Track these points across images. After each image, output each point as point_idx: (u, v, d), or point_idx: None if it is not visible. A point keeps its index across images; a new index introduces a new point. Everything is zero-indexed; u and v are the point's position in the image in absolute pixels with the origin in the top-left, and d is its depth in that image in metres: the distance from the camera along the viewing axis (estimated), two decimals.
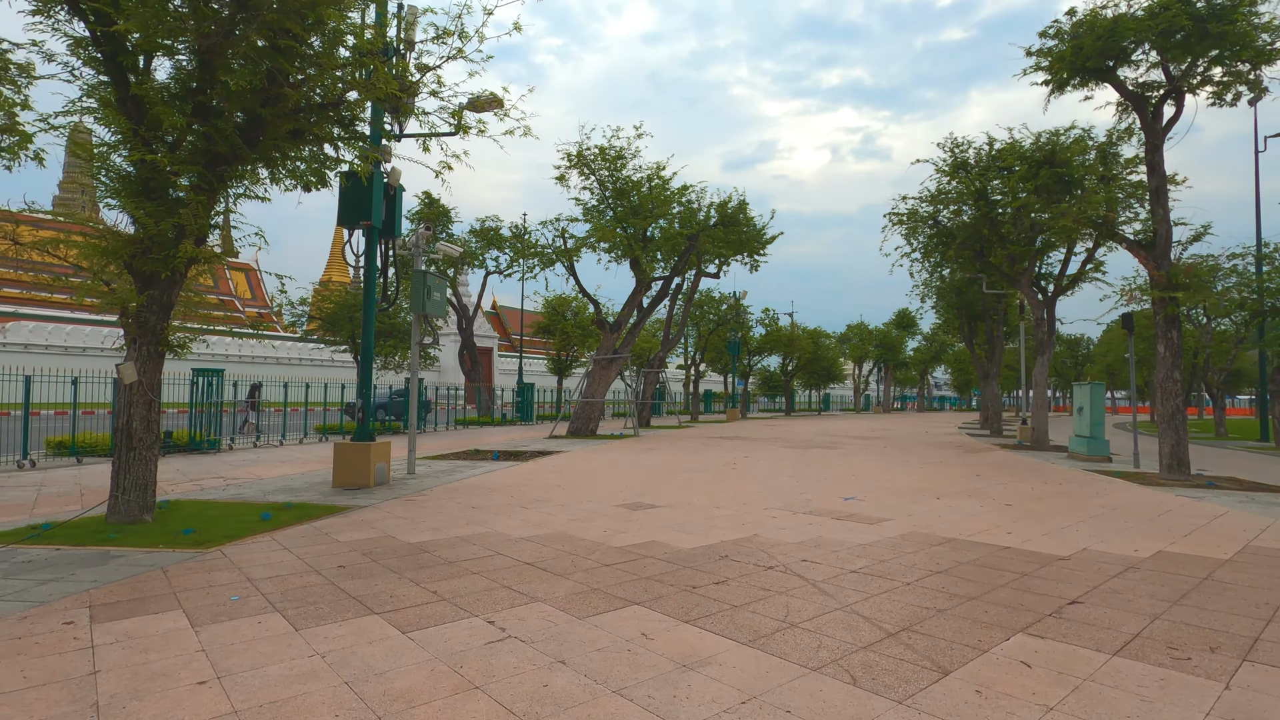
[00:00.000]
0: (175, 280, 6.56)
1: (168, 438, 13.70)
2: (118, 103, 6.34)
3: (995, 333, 22.83)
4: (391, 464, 11.37)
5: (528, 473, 10.85)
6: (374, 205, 9.02)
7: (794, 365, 46.11)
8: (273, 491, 8.55)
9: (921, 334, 65.65)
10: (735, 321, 36.49)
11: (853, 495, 8.58)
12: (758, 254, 24.06)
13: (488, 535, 6.06)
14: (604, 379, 20.41)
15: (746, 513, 7.31)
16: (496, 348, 59.90)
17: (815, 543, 5.82)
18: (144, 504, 6.49)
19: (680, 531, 6.27)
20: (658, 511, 7.35)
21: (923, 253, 18.71)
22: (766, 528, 6.47)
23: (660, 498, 8.33)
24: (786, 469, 11.71)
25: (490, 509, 7.43)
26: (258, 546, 5.55)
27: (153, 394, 6.55)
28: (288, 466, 11.51)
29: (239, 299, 58.77)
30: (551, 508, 7.56)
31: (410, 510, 7.31)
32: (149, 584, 4.47)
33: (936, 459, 13.97)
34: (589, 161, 19.21)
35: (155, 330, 6.51)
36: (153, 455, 6.57)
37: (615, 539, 5.93)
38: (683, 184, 20.49)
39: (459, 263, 28.72)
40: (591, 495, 8.49)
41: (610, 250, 20.77)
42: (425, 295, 10.41)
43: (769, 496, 8.49)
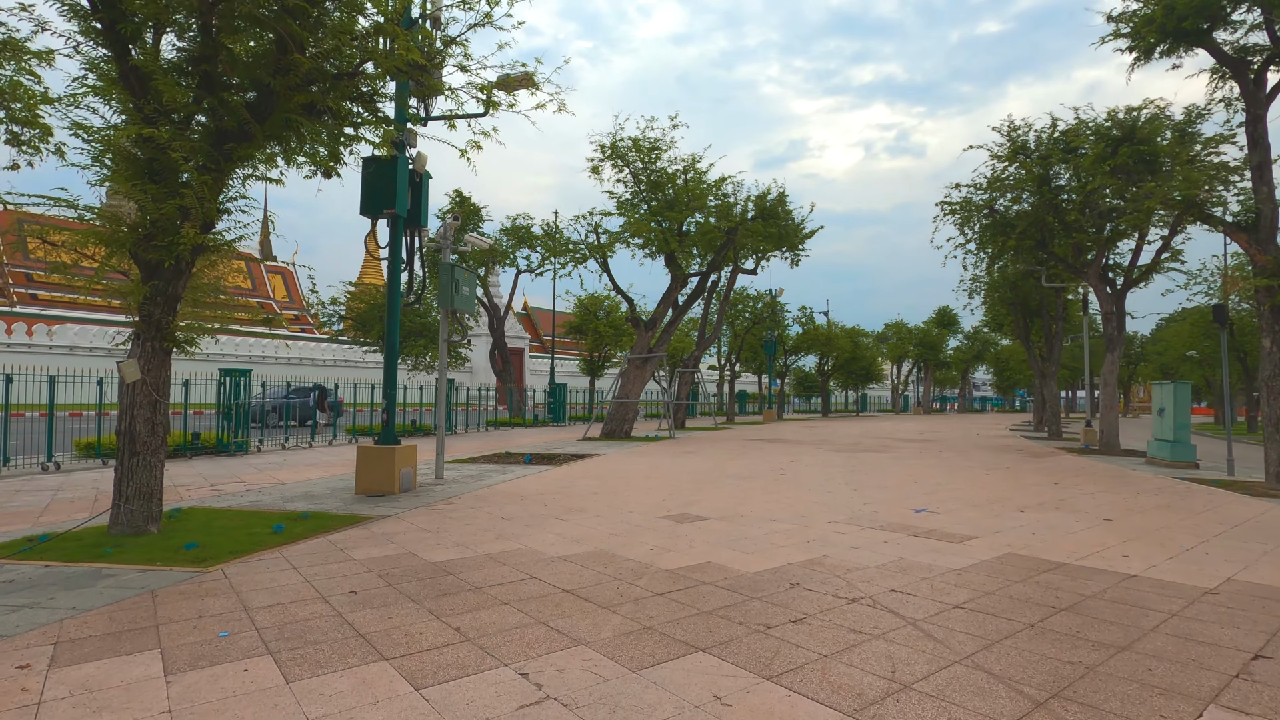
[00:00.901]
0: (181, 270, 6.01)
1: (195, 439, 13.39)
2: (119, 77, 5.83)
3: (1053, 329, 21.48)
4: (419, 468, 10.80)
5: (562, 478, 10.17)
6: (398, 192, 8.43)
7: (831, 365, 44.81)
8: (292, 498, 8.00)
9: (963, 332, 63.67)
10: (771, 320, 35.45)
11: (923, 507, 7.69)
12: (797, 248, 23.11)
13: (519, 553, 5.36)
14: (639, 379, 19.68)
15: (808, 527, 6.49)
16: (528, 348, 59.72)
17: (899, 567, 4.98)
18: (148, 513, 5.96)
19: (737, 550, 5.49)
20: (707, 525, 6.57)
21: (977, 244, 17.56)
22: (836, 547, 5.64)
23: (708, 508, 7.55)
24: (840, 475, 10.82)
25: (522, 520, 6.74)
26: (263, 565, 4.93)
27: (158, 394, 6.00)
28: (312, 470, 11.02)
29: (276, 301, 59.69)
30: (589, 519, 6.84)
31: (435, 521, 6.67)
32: (132, 613, 3.86)
33: (1001, 464, 12.90)
34: (623, 153, 18.51)
35: (160, 325, 5.97)
36: (158, 460, 6.03)
37: (664, 559, 5.18)
38: (720, 175, 19.67)
39: (489, 261, 28.31)
40: (632, 505, 7.75)
41: (645, 246, 20.04)
42: (453, 289, 9.80)
43: (829, 507, 7.65)
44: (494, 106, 7.64)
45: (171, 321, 6.01)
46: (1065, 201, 15.76)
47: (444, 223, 10.32)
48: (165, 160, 5.62)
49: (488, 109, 8.36)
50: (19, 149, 7.22)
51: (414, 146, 8.83)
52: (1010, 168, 16.79)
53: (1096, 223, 15.57)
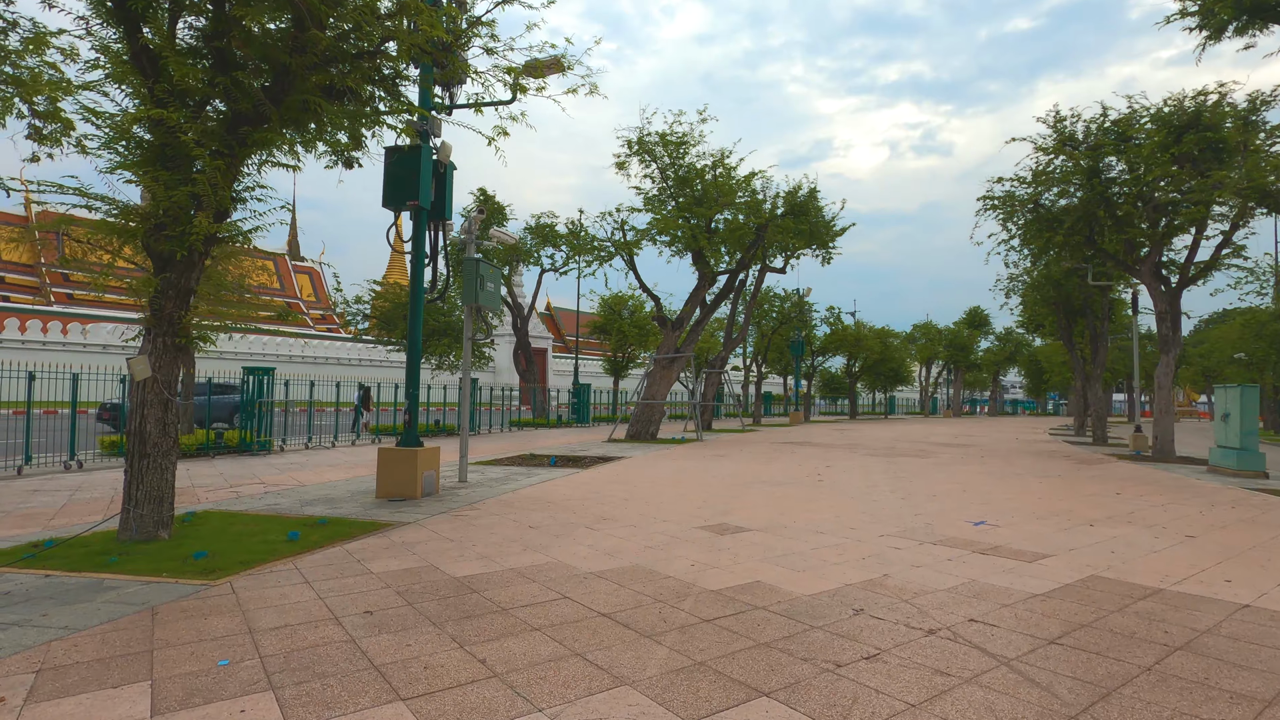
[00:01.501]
0: (194, 262, 5.69)
1: (218, 438, 13.23)
2: (130, 58, 5.53)
3: (1099, 329, 20.55)
4: (442, 469, 10.46)
5: (589, 482, 9.74)
6: (422, 183, 8.07)
7: (859, 366, 43.87)
8: (311, 502, 7.68)
9: (994, 333, 62.09)
10: (799, 320, 34.74)
11: (981, 519, 7.11)
12: (828, 246, 22.45)
13: (549, 568, 4.93)
14: (665, 379, 19.21)
15: (860, 540, 5.97)
16: (551, 348, 59.61)
17: (973, 590, 4.46)
18: (159, 519, 5.64)
19: (787, 568, 5.00)
20: (749, 537, 6.09)
21: (1021, 239, 16.79)
22: (896, 565, 5.13)
23: (747, 518, 7.06)
24: (882, 482, 10.24)
25: (550, 529, 6.32)
26: (275, 578, 4.56)
27: (169, 392, 5.69)
28: (334, 471, 10.74)
29: (303, 300, 60.35)
30: (621, 529, 6.40)
31: (459, 529, 6.27)
32: (127, 634, 3.50)
33: (1052, 471, 12.20)
34: (650, 148, 18.07)
35: (172, 319, 5.65)
36: (169, 463, 5.71)
37: (708, 577, 4.71)
38: (749, 171, 19.13)
39: (514, 260, 28.07)
40: (666, 512, 7.29)
41: (672, 244, 19.58)
42: (478, 285, 9.43)
43: (878, 518, 7.11)
44: (522, 91, 7.24)
45: (184, 316, 5.69)
46: (1117, 194, 14.97)
47: (468, 217, 9.96)
48: (177, 145, 5.30)
49: (515, 95, 7.98)
50: (40, 143, 7.00)
51: (438, 136, 8.47)
52: (1056, 160, 16.03)
53: (1151, 216, 14.76)
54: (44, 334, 34.79)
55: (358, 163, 7.94)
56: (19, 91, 7.42)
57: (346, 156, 7.79)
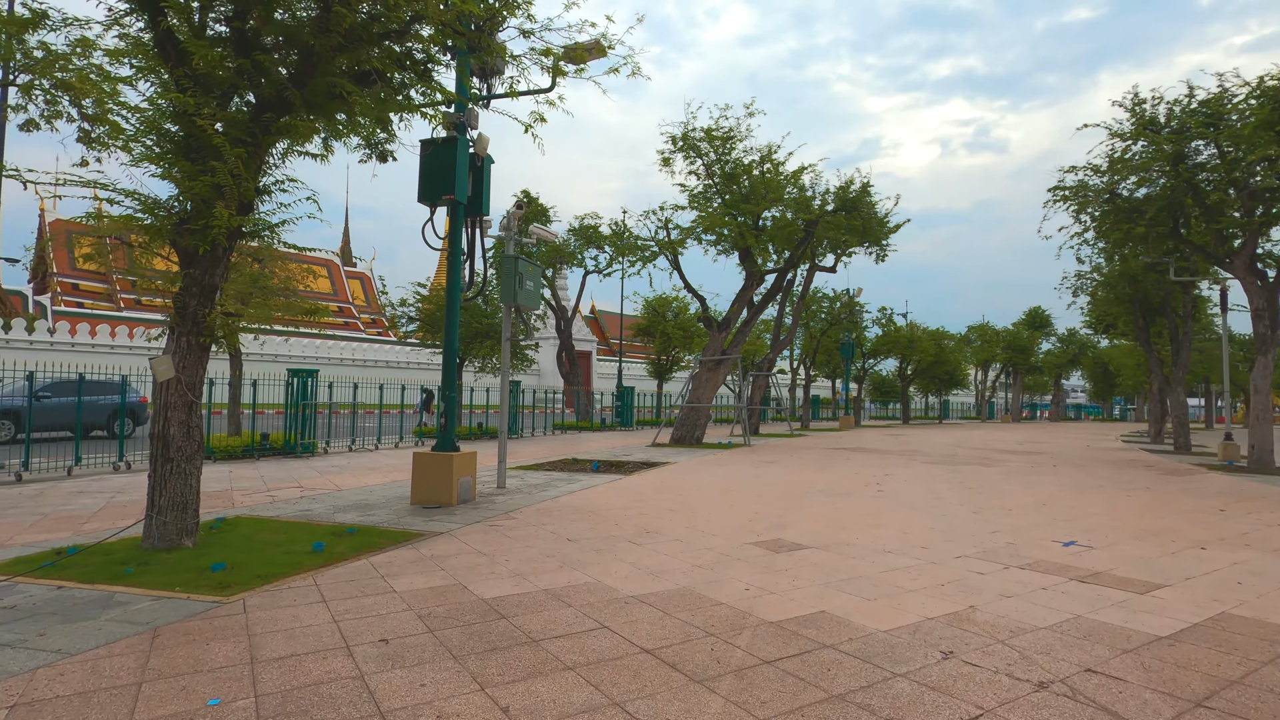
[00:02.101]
0: (218, 257, 5.43)
1: (264, 440, 13.26)
2: (154, 45, 5.32)
3: (1180, 329, 19.04)
4: (481, 474, 10.13)
5: (633, 490, 9.26)
6: (458, 177, 7.74)
7: (912, 369, 42.25)
8: (345, 507, 7.41)
9: (1056, 335, 59.23)
10: (849, 321, 33.58)
11: (1071, 539, 6.33)
12: (882, 243, 21.48)
13: (587, 589, 4.45)
14: (711, 382, 18.61)
15: (935, 562, 5.31)
16: (594, 351, 59.53)
17: (1081, 630, 3.78)
18: (183, 526, 5.39)
19: (855, 595, 4.40)
20: (808, 556, 5.49)
21: (1097, 232, 15.61)
22: (982, 594, 4.47)
23: (804, 532, 6.46)
24: (949, 493, 9.45)
25: (590, 543, 5.85)
26: (291, 595, 4.21)
27: (193, 394, 5.45)
28: (373, 475, 10.53)
29: (354, 305, 61.86)
30: (666, 544, 5.88)
31: (492, 541, 5.86)
32: (120, 662, 3.16)
33: (1138, 483, 11.14)
34: (695, 144, 17.53)
35: (195, 318, 5.41)
36: (194, 468, 5.46)
37: (765, 605, 4.15)
38: (798, 165, 18.39)
39: (557, 262, 27.87)
40: (714, 525, 6.74)
41: (718, 242, 18.97)
42: (517, 283, 9.06)
43: (951, 536, 6.41)
44: (560, 74, 6.82)
45: (209, 314, 5.43)
46: (1206, 181, 13.73)
47: (508, 212, 9.62)
48: (198, 134, 5.04)
49: (554, 81, 7.58)
50: (89, 146, 6.91)
51: (475, 128, 8.14)
52: (1135, 146, 14.83)
53: (1246, 204, 13.46)
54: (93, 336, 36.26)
55: (392, 156, 7.65)
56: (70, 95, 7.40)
57: (380, 149, 7.51)
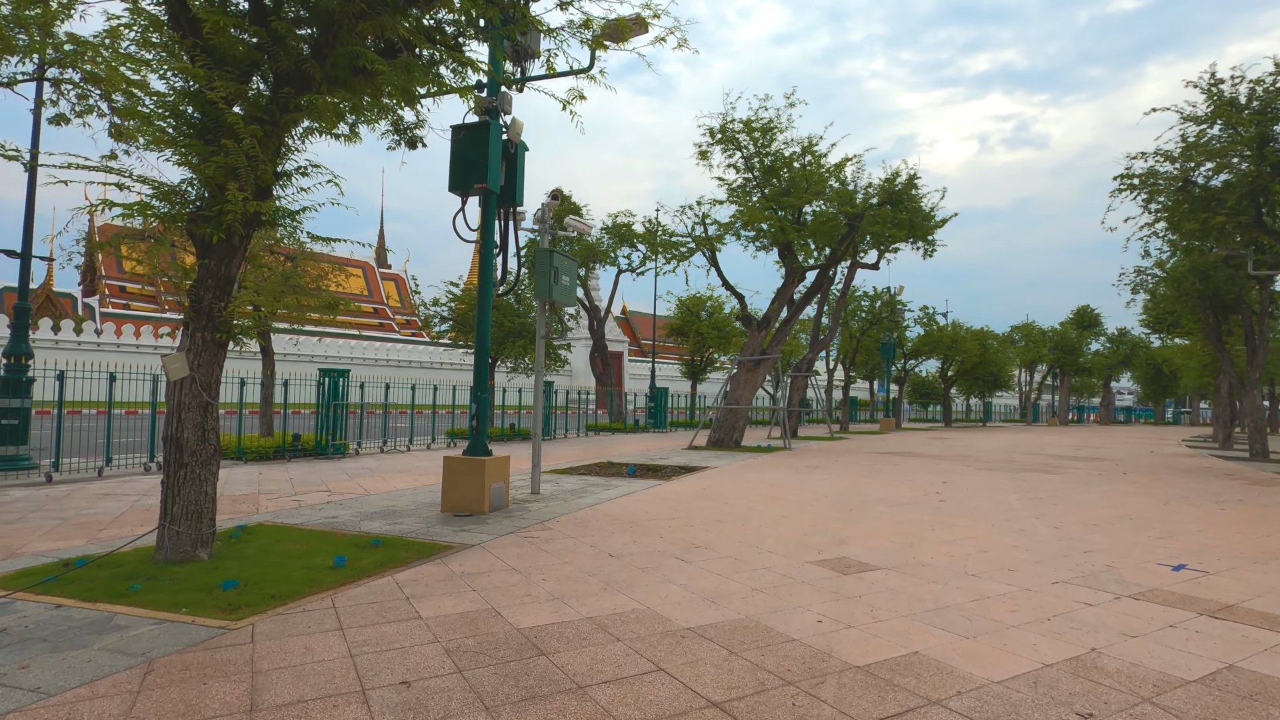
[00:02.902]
0: (234, 247, 5.04)
1: (295, 440, 13.04)
2: (168, 20, 4.94)
3: (1256, 328, 17.74)
4: (514, 480, 9.68)
5: (674, 497, 8.70)
6: (490, 164, 7.28)
7: (955, 370, 40.87)
8: (372, 514, 7.00)
9: (1106, 334, 56.87)
10: (890, 320, 32.51)
11: (1180, 562, 5.57)
12: (928, 238, 20.53)
13: (635, 617, 3.91)
14: (750, 383, 17.94)
15: (1031, 589, 4.64)
16: (627, 352, 59.15)
17: (1241, 686, 3.10)
18: (197, 536, 5.01)
19: (948, 630, 3.77)
20: (881, 579, 4.87)
21: (1169, 223, 14.54)
22: (1101, 632, 3.79)
23: (870, 549, 5.82)
24: (1019, 505, 8.68)
25: (634, 559, 5.31)
26: (306, 620, 3.75)
27: (209, 394, 5.06)
28: (403, 479, 10.16)
29: (390, 306, 62.56)
30: (718, 561, 5.31)
31: (528, 556, 5.36)
32: (102, 705, 2.71)
33: (1228, 495, 10.18)
34: (733, 136, 16.88)
35: (211, 312, 5.02)
36: (209, 473, 5.08)
37: (846, 643, 3.55)
38: (842, 157, 17.61)
39: (589, 261, 27.45)
40: (768, 539, 6.14)
41: (757, 238, 18.30)
42: (551, 278, 8.58)
43: (1037, 556, 5.70)
44: (601, 48, 6.30)
45: (225, 309, 5.04)
46: None
47: (542, 204, 9.15)
48: (212, 112, 4.64)
49: (594, 59, 7.07)
50: (119, 140, 6.63)
51: (508, 112, 7.67)
52: (1212, 129, 13.78)
53: None
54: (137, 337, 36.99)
55: (421, 142, 7.24)
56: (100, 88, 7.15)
57: (409, 135, 7.11)
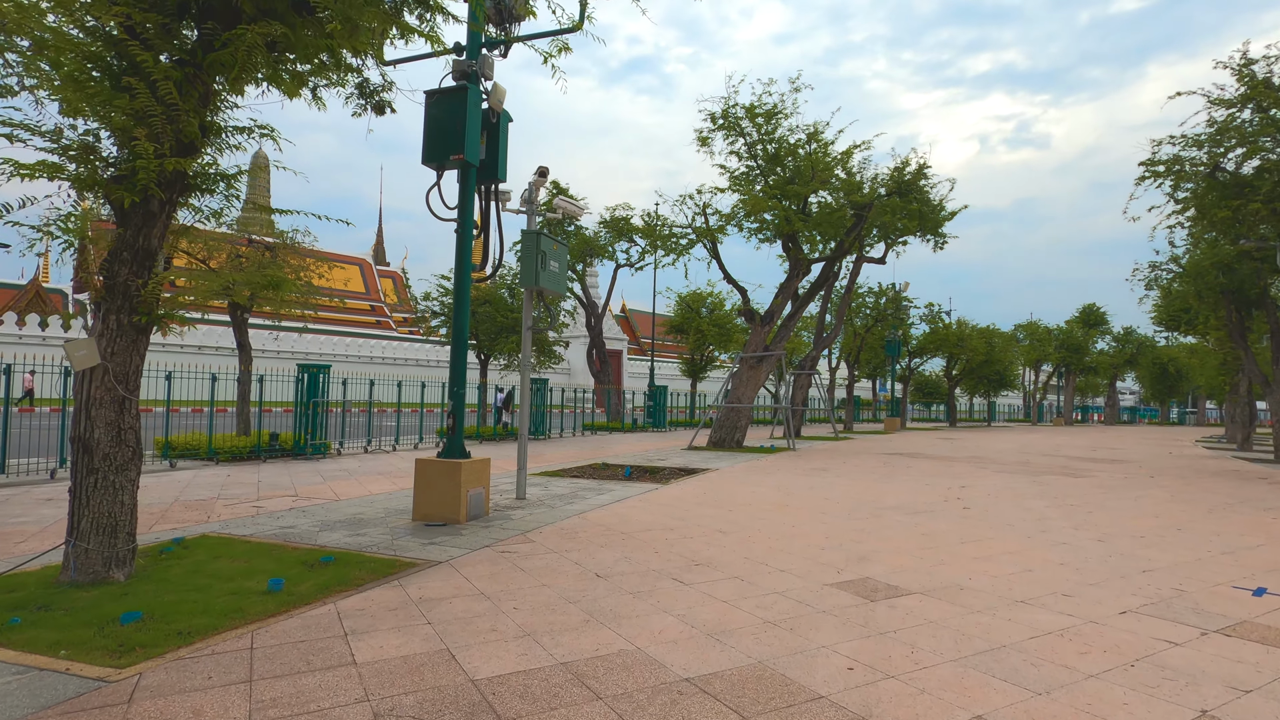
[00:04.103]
0: (153, 213, 4.27)
1: (273, 440, 12.28)
2: None
3: None
4: (499, 484, 8.93)
5: (672, 504, 7.94)
6: (467, 132, 6.52)
7: (960, 369, 40.07)
8: (334, 524, 6.25)
9: (1111, 333, 56.09)
10: (895, 318, 31.72)
11: (1261, 585, 4.82)
12: (939, 231, 19.77)
13: (623, 663, 3.15)
14: (753, 381, 17.18)
15: (1097, 621, 3.88)
16: (625, 350, 58.39)
17: None
18: (111, 554, 4.26)
19: (1012, 683, 3.02)
20: (916, 606, 4.11)
21: (1198, 210, 13.77)
22: (1201, 685, 3.04)
23: (895, 567, 5.06)
24: (1051, 513, 7.92)
25: (625, 580, 4.56)
26: (208, 669, 3.00)
27: (126, 388, 4.30)
28: (380, 482, 9.41)
29: (387, 304, 61.82)
30: (723, 582, 4.56)
31: (501, 576, 4.61)
32: None
33: (1271, 500, 9.42)
34: (736, 121, 16.11)
35: (127, 290, 4.26)
36: (125, 481, 4.32)
37: (887, 703, 2.80)
38: (850, 144, 16.85)
39: (587, 255, 26.69)
40: (779, 554, 5.39)
41: (760, 229, 17.52)
42: (539, 264, 7.83)
43: (1092, 576, 4.95)
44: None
45: (146, 286, 4.28)
46: None
47: (530, 183, 8.40)
48: (120, 49, 3.89)
49: (584, 15, 6.33)
50: None
51: (489, 77, 6.92)
52: (1243, 113, 13.00)
53: None
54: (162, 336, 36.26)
55: (390, 107, 6.50)
56: None
57: (376, 99, 6.36)
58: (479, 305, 20.25)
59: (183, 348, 36.94)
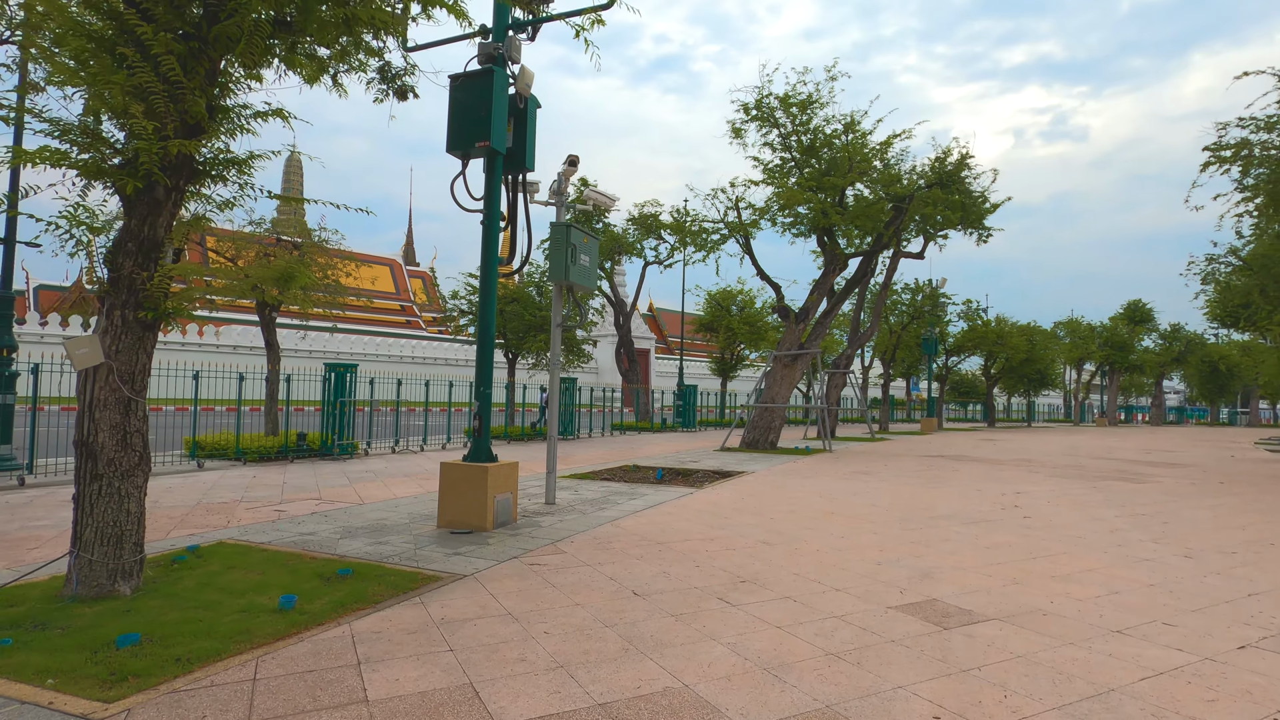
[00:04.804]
0: (158, 200, 3.99)
1: (301, 440, 12.13)
2: None
3: None
4: (527, 488, 8.59)
5: (710, 510, 7.51)
6: (493, 118, 6.16)
7: (998, 367, 38.82)
8: (356, 530, 5.96)
9: (1158, 330, 53.94)
10: (932, 315, 30.78)
11: None
12: (981, 223, 18.97)
13: (669, 706, 2.74)
14: (787, 380, 16.63)
15: (1211, 658, 3.36)
16: (654, 349, 57.99)
17: None
18: (116, 566, 3.98)
19: None
20: (996, 635, 3.63)
21: (1269, 197, 12.88)
22: None
23: (963, 586, 4.57)
24: (1122, 524, 7.30)
25: (665, 599, 4.15)
26: (203, 704, 2.67)
27: (132, 389, 4.02)
28: (407, 485, 9.15)
29: (417, 304, 62.34)
30: (774, 604, 4.12)
31: (530, 593, 4.23)
32: None
33: None
34: (769, 112, 15.58)
35: (132, 284, 3.98)
36: (132, 488, 4.05)
37: None
38: (888, 135, 16.20)
39: (615, 253, 26.34)
40: (831, 570, 4.93)
41: (794, 224, 16.96)
42: (569, 257, 7.46)
43: (1190, 600, 4.39)
44: None
45: (152, 280, 4.00)
46: None
47: (559, 173, 8.03)
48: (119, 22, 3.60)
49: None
50: None
51: (516, 61, 6.56)
52: None
53: None
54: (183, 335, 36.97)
55: (413, 92, 6.21)
56: None
57: (398, 83, 6.06)
58: (507, 304, 20.01)
59: (218, 348, 37.52)
